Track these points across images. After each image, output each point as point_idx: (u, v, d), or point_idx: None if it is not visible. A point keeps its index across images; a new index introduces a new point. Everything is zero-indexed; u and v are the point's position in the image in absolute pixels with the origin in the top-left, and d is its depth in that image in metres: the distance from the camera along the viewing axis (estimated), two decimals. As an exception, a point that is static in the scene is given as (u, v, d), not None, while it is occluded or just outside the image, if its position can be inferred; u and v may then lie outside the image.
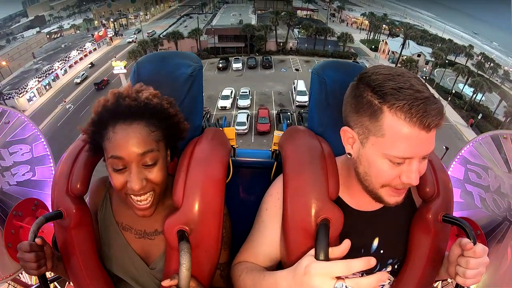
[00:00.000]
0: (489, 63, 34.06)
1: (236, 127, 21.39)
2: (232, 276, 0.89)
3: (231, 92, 26.31)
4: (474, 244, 0.71)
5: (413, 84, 0.63)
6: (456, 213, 1.15)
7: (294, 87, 26.19)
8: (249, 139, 21.27)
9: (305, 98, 25.05)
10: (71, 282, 0.89)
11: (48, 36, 42.14)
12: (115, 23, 45.20)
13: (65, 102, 27.80)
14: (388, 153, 0.65)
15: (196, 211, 0.79)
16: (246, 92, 26.71)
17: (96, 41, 39.92)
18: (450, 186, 0.86)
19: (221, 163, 0.87)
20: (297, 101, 24.87)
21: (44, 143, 1.33)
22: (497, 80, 31.85)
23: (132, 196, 0.77)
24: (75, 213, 0.82)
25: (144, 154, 0.74)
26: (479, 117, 24.77)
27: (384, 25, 41.63)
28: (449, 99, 27.15)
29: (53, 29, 43.92)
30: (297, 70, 29.44)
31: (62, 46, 38.99)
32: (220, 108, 24.88)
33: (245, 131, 21.51)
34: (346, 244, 0.66)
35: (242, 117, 22.58)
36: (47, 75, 31.15)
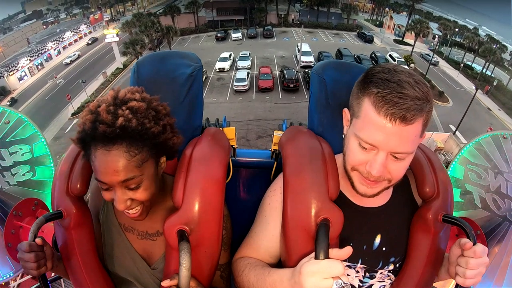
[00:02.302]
0: (495, 44, 32.82)
1: (235, 84, 20.65)
2: (234, 270, 0.89)
3: (230, 54, 25.30)
4: (474, 244, 0.71)
5: (401, 80, 0.64)
6: (456, 213, 1.15)
7: (298, 49, 25.29)
8: (250, 96, 20.66)
9: (311, 59, 24.23)
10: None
11: (44, 26, 41.21)
12: (111, 9, 44.11)
13: (55, 78, 27.22)
14: (358, 134, 0.69)
15: (196, 211, 0.79)
16: (246, 54, 25.51)
17: (92, 24, 38.84)
18: (450, 186, 0.86)
19: (221, 163, 0.86)
20: (301, 62, 23.92)
21: (44, 143, 1.33)
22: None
23: None
24: (75, 213, 0.82)
25: (124, 181, 0.71)
26: (495, 84, 24.42)
27: (386, 8, 40.79)
28: (461, 69, 27.07)
29: (50, 19, 43.31)
30: (302, 25, 28.38)
31: (57, 31, 38.12)
32: (218, 70, 23.97)
33: (245, 88, 20.73)
34: (348, 249, 0.66)
35: (242, 74, 21.62)
36: (39, 54, 30.43)
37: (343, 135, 0.79)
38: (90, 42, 35.24)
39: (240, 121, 17.47)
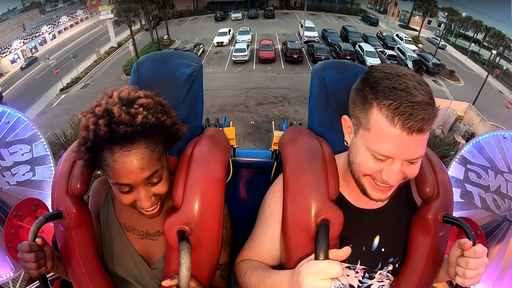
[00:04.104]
0: (499, 40, 32.53)
1: (234, 54, 20.29)
2: (236, 273, 0.90)
3: (229, 30, 24.90)
4: (474, 244, 0.71)
5: (409, 87, 0.63)
6: (456, 213, 1.15)
7: (301, 25, 24.65)
8: (250, 67, 20.07)
9: (314, 34, 23.58)
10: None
11: (42, 14, 39.30)
12: None
13: (48, 59, 26.47)
14: (370, 147, 0.68)
15: (196, 211, 0.79)
16: (247, 29, 24.89)
17: (89, 10, 37.23)
18: (450, 186, 0.86)
19: (221, 163, 0.86)
20: (305, 37, 23.25)
21: (44, 143, 1.33)
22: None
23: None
24: (75, 213, 0.82)
25: (149, 177, 0.72)
26: (505, 68, 23.92)
27: (389, 0, 40.12)
28: (468, 53, 26.88)
29: (48, 10, 42.68)
30: None
31: (54, 17, 36.92)
32: (216, 44, 23.40)
33: (245, 58, 20.22)
34: (346, 250, 0.66)
35: (241, 44, 21.34)
36: (33, 37, 29.51)
37: (345, 142, 0.78)
38: (24, 66, 26.21)
39: (239, 89, 16.82)
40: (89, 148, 0.69)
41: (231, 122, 1.22)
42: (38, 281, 1.26)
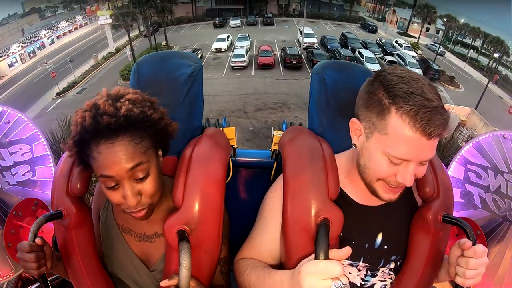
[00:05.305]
0: (498, 45, 32.49)
1: (233, 59, 20.45)
2: (236, 271, 0.90)
3: (228, 36, 25.15)
4: (474, 244, 0.71)
5: (425, 91, 0.64)
6: (456, 213, 1.15)
7: (300, 31, 24.92)
8: (249, 73, 20.20)
9: (314, 40, 23.74)
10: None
11: (41, 19, 39.32)
12: (109, 3, 43.45)
13: (46, 63, 26.46)
14: (388, 151, 0.68)
15: (196, 211, 0.79)
16: (245, 35, 25.17)
17: (88, 16, 37.49)
18: (450, 186, 0.86)
19: (221, 163, 0.86)
20: (304, 43, 23.49)
21: (44, 143, 1.33)
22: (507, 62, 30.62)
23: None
24: (75, 213, 0.82)
25: (133, 168, 0.70)
26: (504, 74, 24.20)
27: (387, 8, 40.46)
28: (467, 60, 27.18)
29: (48, 15, 42.50)
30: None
31: (53, 22, 36.88)
32: (214, 50, 23.65)
33: (244, 64, 20.36)
34: (347, 250, 0.66)
35: (240, 50, 21.54)
36: (32, 41, 29.37)
37: (353, 145, 0.78)
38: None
39: (237, 94, 16.89)
40: (77, 142, 0.70)
41: (230, 123, 1.23)
42: (34, 282, 1.26)
